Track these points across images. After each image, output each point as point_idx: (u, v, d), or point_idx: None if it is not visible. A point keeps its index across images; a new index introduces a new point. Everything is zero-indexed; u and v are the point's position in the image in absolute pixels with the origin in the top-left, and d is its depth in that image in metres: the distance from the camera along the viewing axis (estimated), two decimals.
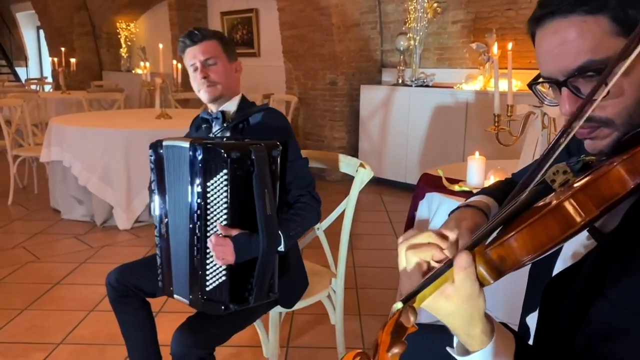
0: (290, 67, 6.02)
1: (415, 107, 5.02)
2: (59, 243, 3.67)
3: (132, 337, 1.75)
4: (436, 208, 1.99)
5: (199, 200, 1.40)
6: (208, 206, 1.40)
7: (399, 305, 0.64)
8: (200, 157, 1.39)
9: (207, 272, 1.42)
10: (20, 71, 14.09)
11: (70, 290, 2.90)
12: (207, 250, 1.41)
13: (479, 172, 2.08)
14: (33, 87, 9.26)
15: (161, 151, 1.54)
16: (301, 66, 5.88)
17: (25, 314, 2.62)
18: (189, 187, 1.42)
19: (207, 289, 1.43)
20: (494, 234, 0.71)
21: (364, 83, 5.61)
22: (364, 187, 1.88)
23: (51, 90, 9.05)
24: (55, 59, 7.73)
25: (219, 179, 1.38)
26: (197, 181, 1.40)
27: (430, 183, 2.15)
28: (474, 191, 2.02)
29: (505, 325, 0.76)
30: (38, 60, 14.32)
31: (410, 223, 2.28)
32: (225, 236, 1.40)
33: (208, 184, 1.39)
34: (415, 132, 5.04)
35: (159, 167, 1.55)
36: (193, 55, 1.67)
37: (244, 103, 1.76)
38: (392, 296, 2.70)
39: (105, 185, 3.91)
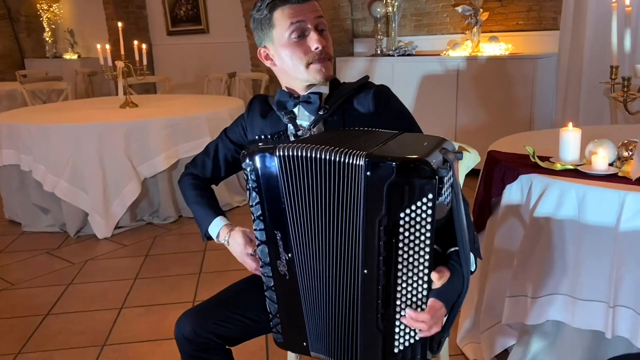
0: (254, 42, 5.54)
1: (400, 78, 4.72)
2: (31, 262, 3.11)
3: None
4: (541, 192, 1.71)
5: (383, 238, 1.00)
6: (401, 244, 0.99)
7: None
8: (392, 179, 0.97)
9: (396, 332, 1.05)
10: None
11: (69, 321, 2.41)
12: (398, 303, 1.04)
13: (574, 146, 1.81)
14: None
15: (272, 164, 1.10)
16: None
17: (21, 358, 2.14)
18: (360, 218, 1.02)
19: (395, 350, 1.07)
20: None
21: (337, 55, 5.25)
22: None
23: None
24: None
25: (419, 209, 0.97)
26: (381, 211, 0.99)
27: (516, 162, 1.87)
28: (580, 169, 1.77)
29: None
30: None
31: (488, 210, 2.00)
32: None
33: (402, 214, 0.98)
34: None
35: (269, 185, 1.11)
36: (302, 14, 1.23)
37: (334, 81, 1.35)
38: None
39: (76, 190, 3.37)
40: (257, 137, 1.34)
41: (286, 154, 1.07)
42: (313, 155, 1.05)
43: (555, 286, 1.69)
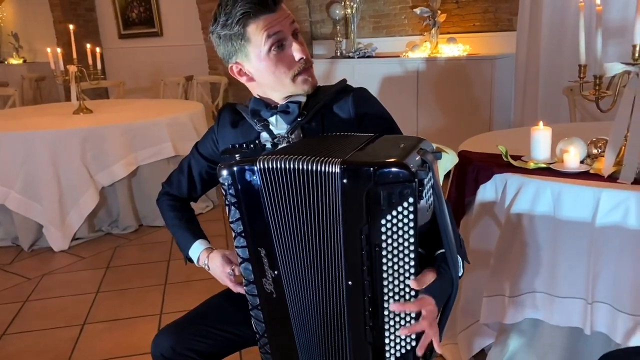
0: (212, 45, 5.44)
1: (361, 80, 4.69)
2: None
3: None
4: (516, 191, 1.71)
5: (366, 248, 0.96)
6: (385, 252, 0.95)
7: None
8: (369, 185, 0.93)
9: (387, 343, 1.02)
10: None
11: (27, 341, 2.27)
12: (386, 313, 1.00)
13: (545, 145, 1.83)
14: None
15: (253, 177, 1.03)
16: None
17: None
18: (340, 228, 0.98)
19: None
20: None
21: None
22: None
23: None
24: None
25: (400, 214, 0.93)
26: (361, 220, 0.95)
27: (489, 161, 1.87)
28: (552, 167, 1.78)
29: None
30: None
31: (462, 210, 2.00)
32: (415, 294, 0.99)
33: (382, 221, 0.94)
34: None
35: (250, 200, 1.05)
36: (277, 23, 1.16)
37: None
38: None
39: (29, 201, 3.20)
40: (230, 146, 1.28)
41: (267, 166, 1.01)
42: (293, 166, 1.00)
43: (532, 284, 1.69)
